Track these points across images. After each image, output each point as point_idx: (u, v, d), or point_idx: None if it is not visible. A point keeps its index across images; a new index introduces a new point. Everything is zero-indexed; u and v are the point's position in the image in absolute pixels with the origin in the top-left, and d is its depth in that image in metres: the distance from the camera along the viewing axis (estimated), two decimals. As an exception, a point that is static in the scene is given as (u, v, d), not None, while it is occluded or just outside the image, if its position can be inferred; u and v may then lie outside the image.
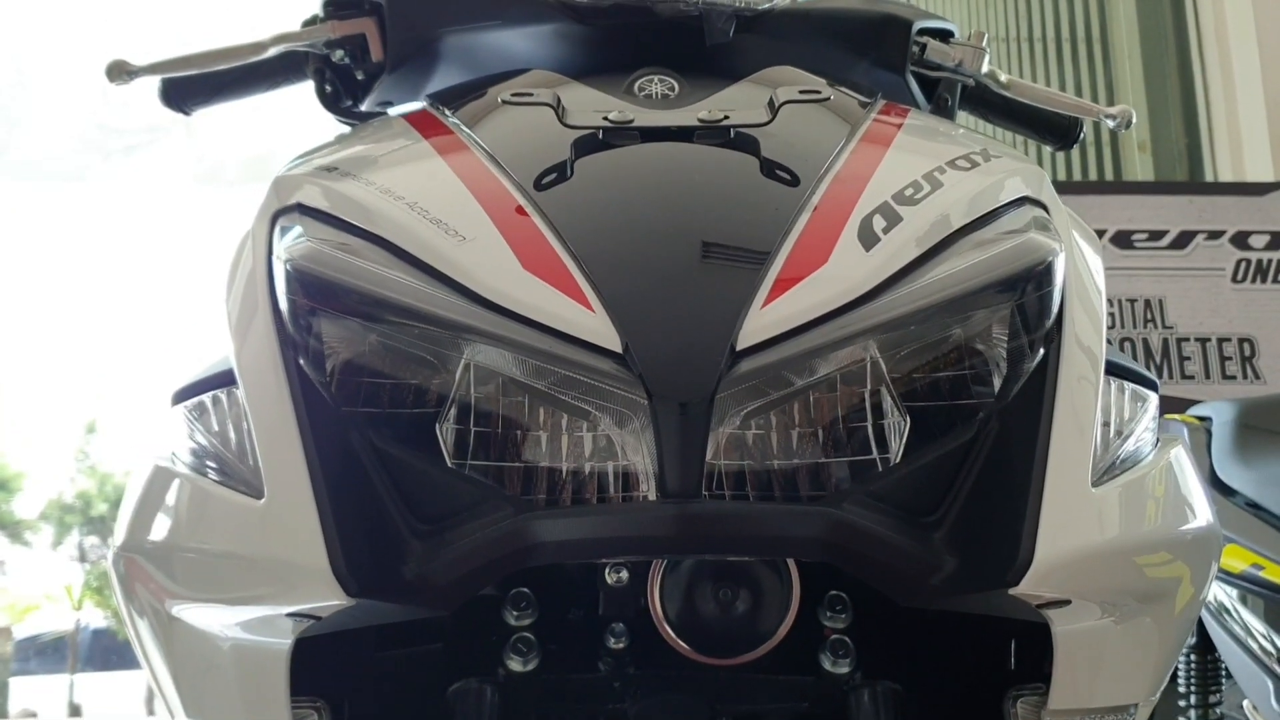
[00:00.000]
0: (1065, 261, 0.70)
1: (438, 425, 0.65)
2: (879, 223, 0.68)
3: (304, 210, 0.72)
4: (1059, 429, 0.67)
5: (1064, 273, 0.70)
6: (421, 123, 0.85)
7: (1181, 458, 0.75)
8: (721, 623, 0.73)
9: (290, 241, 0.70)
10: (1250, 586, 1.62)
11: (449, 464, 0.65)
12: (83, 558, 21.10)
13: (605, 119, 0.77)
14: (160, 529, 0.72)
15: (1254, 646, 1.61)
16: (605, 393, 0.63)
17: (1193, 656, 2.01)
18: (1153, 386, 0.75)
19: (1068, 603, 0.68)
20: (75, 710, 17.90)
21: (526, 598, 0.76)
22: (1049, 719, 0.71)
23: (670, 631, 0.73)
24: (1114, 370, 0.73)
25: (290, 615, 0.67)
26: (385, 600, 0.66)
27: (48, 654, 20.61)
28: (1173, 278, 3.43)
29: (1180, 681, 2.04)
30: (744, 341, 0.62)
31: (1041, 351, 0.69)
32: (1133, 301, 3.40)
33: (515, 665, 0.74)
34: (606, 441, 0.64)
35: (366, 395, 0.67)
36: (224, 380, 0.72)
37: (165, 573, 0.71)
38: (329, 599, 0.65)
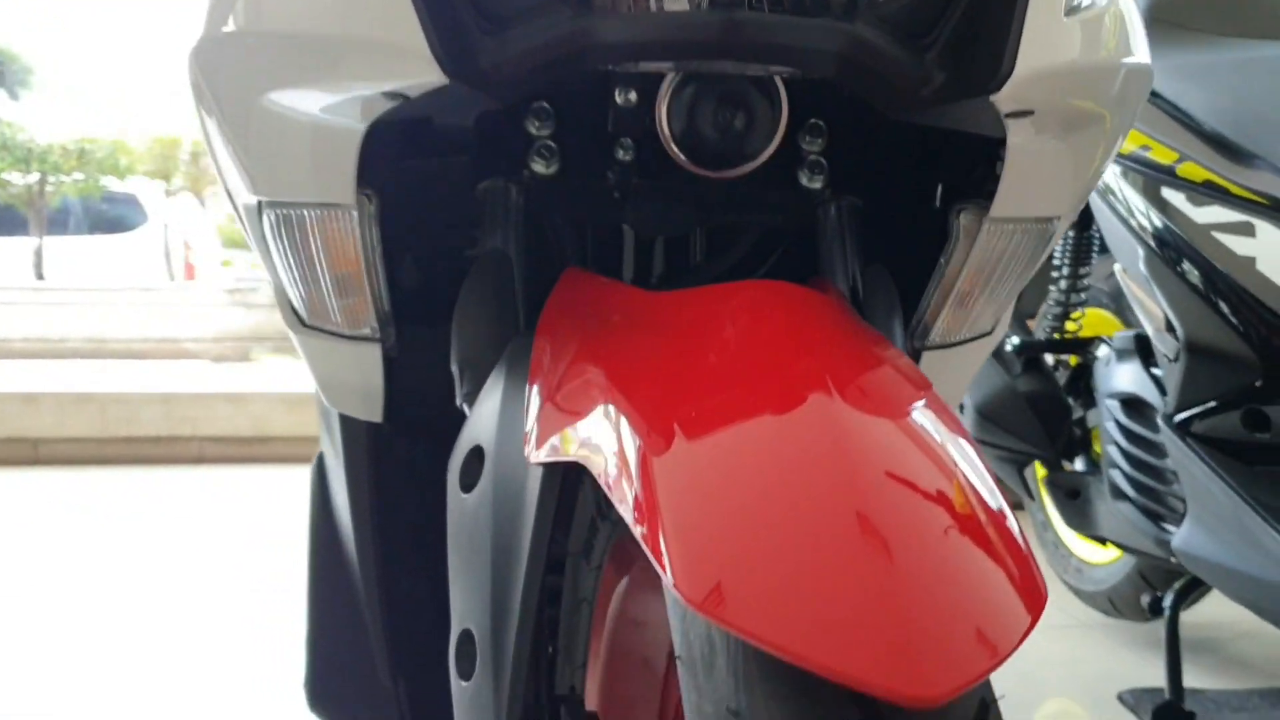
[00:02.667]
0: None
1: None
2: None
3: None
4: None
5: None
6: None
7: (1130, 4, 0.85)
8: (718, 140, 0.83)
9: None
10: (1135, 165, 1.78)
11: None
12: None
13: None
14: (243, 15, 0.75)
15: (1130, 219, 1.80)
16: None
17: (1070, 233, 2.23)
18: None
19: (1031, 113, 0.79)
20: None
21: (546, 111, 0.86)
22: (989, 224, 0.84)
23: (673, 145, 0.83)
24: None
25: (385, 94, 0.73)
26: (468, 84, 0.73)
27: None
28: None
29: (1056, 255, 2.27)
30: None
31: None
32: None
33: (539, 168, 0.85)
34: None
35: None
36: None
37: (249, 62, 0.75)
38: (426, 77, 0.72)
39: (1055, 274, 2.27)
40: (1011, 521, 0.57)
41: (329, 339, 0.90)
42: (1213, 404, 1.63)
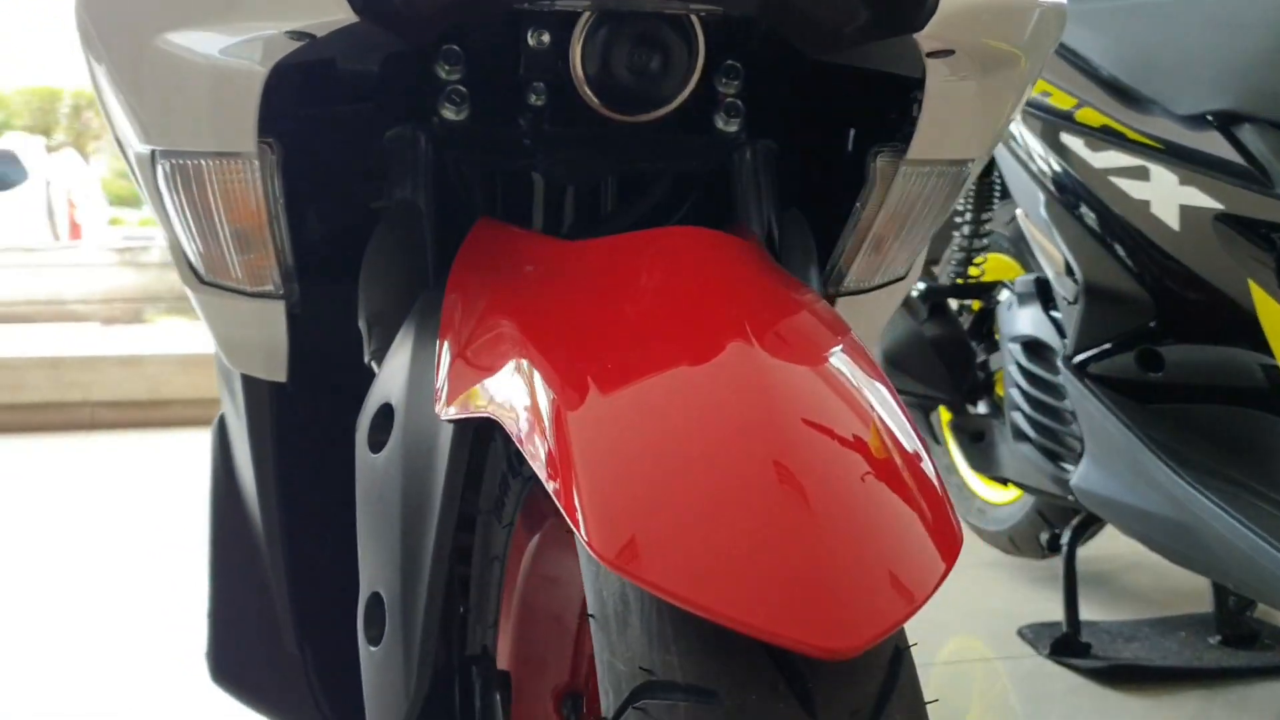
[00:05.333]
0: None
1: None
2: None
3: None
4: None
5: None
6: None
7: None
8: (633, 82, 0.82)
9: None
10: (1035, 111, 1.81)
11: None
12: None
13: None
14: None
15: (1030, 164, 1.83)
16: None
17: (974, 182, 2.26)
18: None
19: (951, 53, 0.78)
20: None
21: (456, 54, 0.83)
22: (905, 167, 0.84)
23: (586, 89, 0.81)
24: None
25: (289, 34, 0.70)
26: (379, 21, 0.70)
27: None
28: None
29: (960, 201, 2.31)
30: None
31: None
32: None
33: (449, 114, 0.82)
34: None
35: None
36: None
37: (141, 2, 0.72)
38: (333, 14, 0.68)
39: (958, 220, 2.30)
40: (928, 466, 0.57)
41: (229, 296, 0.87)
42: (1109, 345, 1.67)
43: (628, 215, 0.93)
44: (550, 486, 0.54)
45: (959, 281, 2.27)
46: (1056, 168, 1.77)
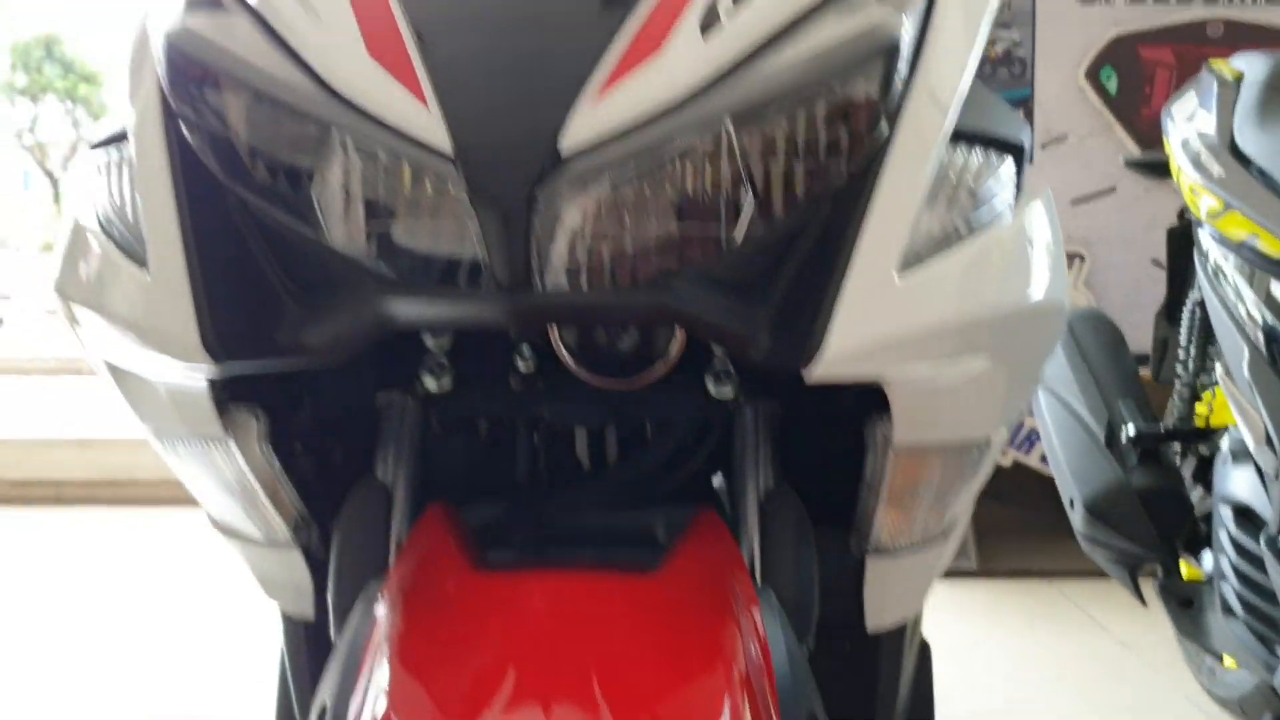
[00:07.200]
0: (918, 22, 0.70)
1: (313, 195, 0.69)
2: (724, 4, 0.67)
3: None
4: (877, 213, 0.69)
5: (911, 42, 0.70)
6: None
7: (1029, 223, 0.76)
8: (616, 349, 0.80)
9: (167, 11, 0.72)
10: (1244, 254, 1.64)
11: (323, 233, 0.70)
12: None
13: None
14: (79, 284, 0.79)
15: (1239, 313, 1.65)
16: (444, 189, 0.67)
17: (1196, 311, 2.06)
18: (1013, 150, 0.75)
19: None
20: None
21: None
22: (893, 451, 0.78)
23: (569, 358, 0.80)
24: (968, 134, 0.74)
25: (189, 367, 0.75)
26: (258, 360, 0.73)
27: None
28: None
29: (1181, 334, 2.11)
30: (572, 138, 0.65)
31: (885, 129, 0.69)
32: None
33: (430, 384, 0.83)
34: (457, 224, 0.68)
35: (245, 166, 0.70)
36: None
37: (88, 325, 0.80)
38: (200, 364, 0.73)
39: (1181, 353, 2.11)
40: None
41: (248, 544, 0.90)
42: (1317, 530, 1.47)
43: (635, 464, 0.91)
44: None
45: (1180, 424, 2.07)
46: (1266, 320, 1.59)
